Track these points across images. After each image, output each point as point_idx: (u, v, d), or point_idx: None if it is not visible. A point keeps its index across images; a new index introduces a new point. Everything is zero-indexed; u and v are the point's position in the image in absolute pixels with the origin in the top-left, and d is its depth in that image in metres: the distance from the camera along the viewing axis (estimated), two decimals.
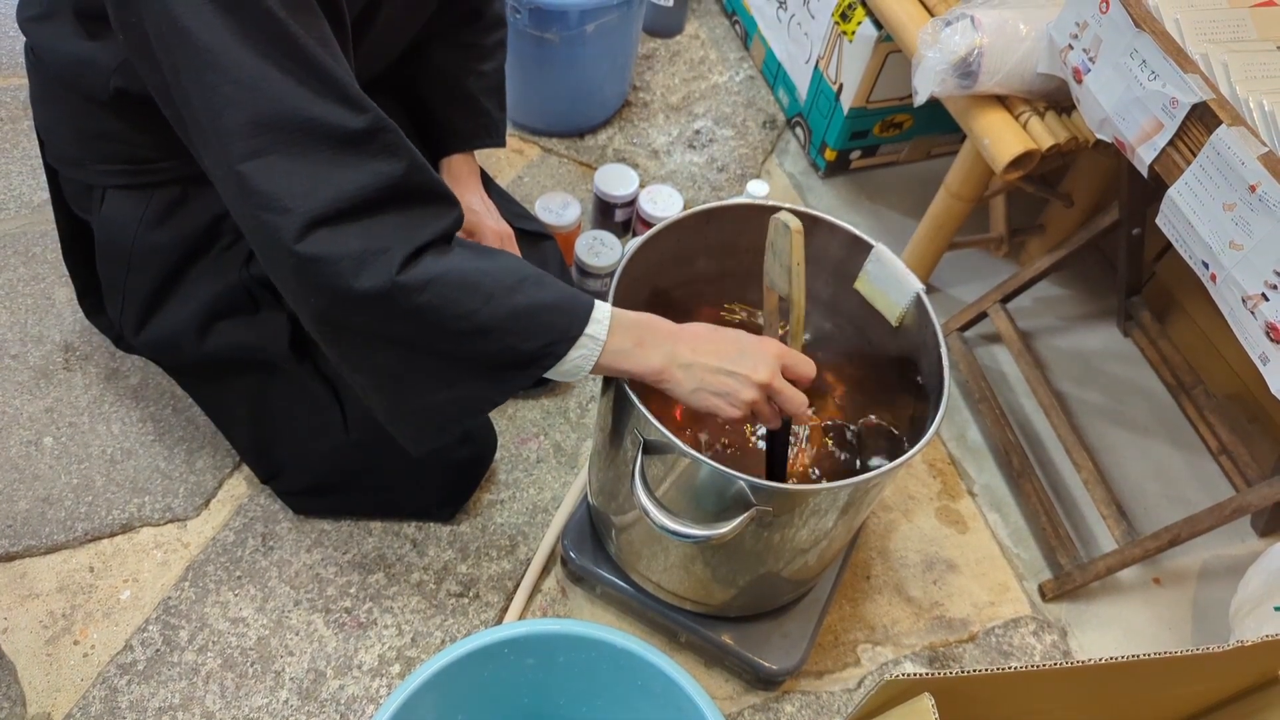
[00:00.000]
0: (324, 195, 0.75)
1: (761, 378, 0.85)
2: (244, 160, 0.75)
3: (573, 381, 0.86)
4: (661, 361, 0.85)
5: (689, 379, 0.85)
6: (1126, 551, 1.17)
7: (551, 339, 0.82)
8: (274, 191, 0.75)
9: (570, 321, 0.83)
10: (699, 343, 0.86)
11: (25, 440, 1.21)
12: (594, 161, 1.63)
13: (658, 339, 0.86)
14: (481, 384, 0.85)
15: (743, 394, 0.85)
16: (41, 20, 0.95)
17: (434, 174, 0.82)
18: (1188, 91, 0.92)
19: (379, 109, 0.78)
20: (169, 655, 1.08)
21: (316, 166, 0.75)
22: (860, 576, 1.24)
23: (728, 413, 0.86)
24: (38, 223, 1.42)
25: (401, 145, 0.79)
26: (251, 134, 0.74)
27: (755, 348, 0.86)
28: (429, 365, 0.84)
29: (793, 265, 0.85)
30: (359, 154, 0.77)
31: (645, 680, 0.87)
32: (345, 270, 0.76)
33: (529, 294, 0.82)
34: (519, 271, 0.83)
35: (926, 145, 1.71)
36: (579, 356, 0.83)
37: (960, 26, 1.14)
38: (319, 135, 0.75)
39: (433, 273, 0.78)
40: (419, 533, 1.20)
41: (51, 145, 1.05)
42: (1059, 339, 1.54)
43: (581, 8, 1.44)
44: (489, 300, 0.80)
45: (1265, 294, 0.89)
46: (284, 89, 0.74)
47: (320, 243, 0.75)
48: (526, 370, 0.84)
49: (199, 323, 1.07)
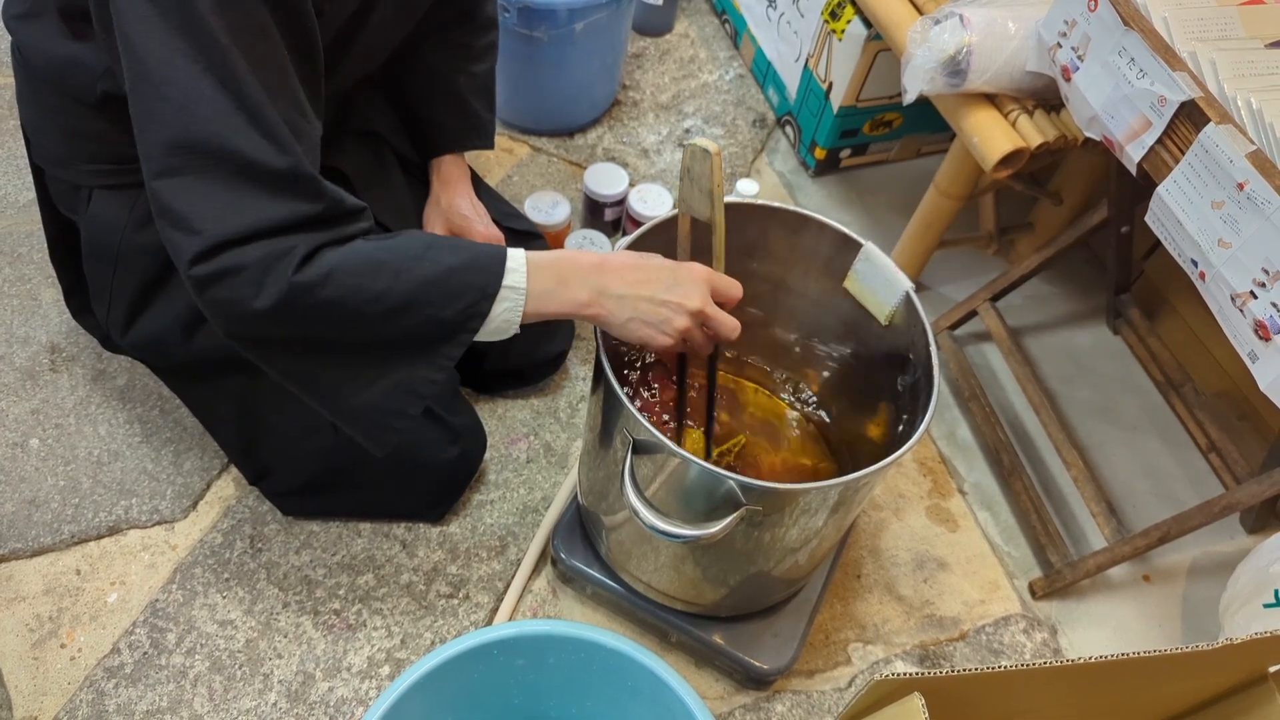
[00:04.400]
0: (233, 222, 0.75)
1: (694, 304, 0.85)
2: (159, 177, 0.75)
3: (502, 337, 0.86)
4: (589, 294, 0.85)
5: (621, 309, 0.85)
6: (1116, 549, 1.17)
7: (471, 299, 0.81)
8: (184, 212, 0.75)
9: (486, 278, 0.82)
10: (627, 272, 0.86)
11: (11, 442, 1.20)
12: (584, 160, 1.63)
13: (580, 273, 0.85)
14: (414, 365, 0.84)
15: (676, 321, 0.85)
16: (27, 19, 0.94)
17: (351, 199, 0.81)
18: (1176, 89, 0.92)
19: (300, 156, 0.77)
20: (156, 658, 1.07)
21: (230, 195, 0.75)
22: (851, 575, 1.24)
23: (660, 342, 0.86)
24: (23, 222, 1.41)
25: (320, 192, 0.79)
26: (171, 152, 0.74)
27: (685, 274, 0.86)
28: (356, 359, 0.83)
29: (713, 188, 0.86)
30: (277, 191, 0.76)
31: (635, 681, 0.87)
32: (244, 287, 0.75)
33: (436, 259, 0.81)
34: (422, 240, 0.83)
35: (916, 144, 1.71)
36: (504, 310, 0.83)
37: (949, 25, 1.15)
38: (238, 166, 0.75)
39: (330, 264, 0.77)
40: (408, 534, 1.19)
41: (38, 145, 1.04)
42: (1048, 337, 1.55)
43: (570, 6, 1.44)
44: (397, 277, 0.79)
45: (1254, 292, 0.89)
46: (212, 114, 0.74)
47: (222, 261, 0.75)
48: (457, 337, 0.83)
49: (186, 322, 1.07)
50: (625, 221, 1.49)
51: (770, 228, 1.01)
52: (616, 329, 0.87)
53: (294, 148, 0.77)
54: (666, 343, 0.86)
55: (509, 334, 0.86)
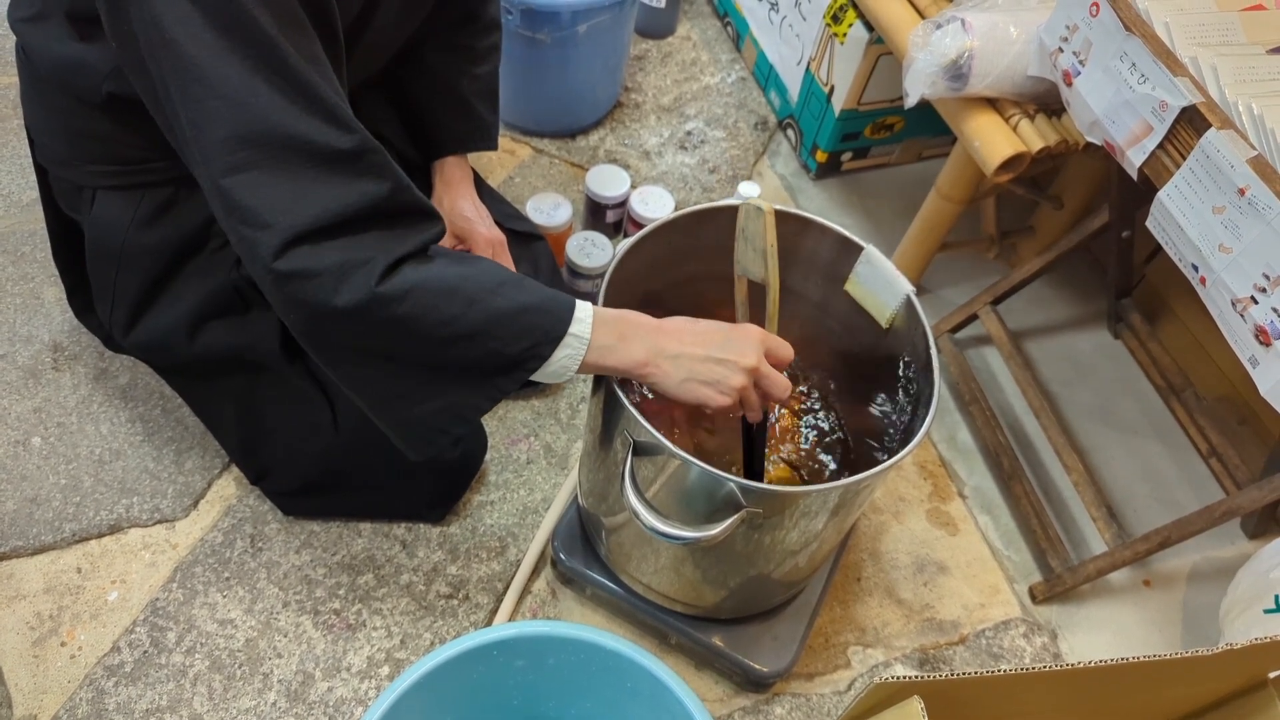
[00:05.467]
0: (306, 212, 0.75)
1: (749, 363, 0.85)
2: (226, 174, 0.74)
3: (560, 382, 0.86)
4: (645, 354, 0.85)
5: (677, 370, 0.85)
6: (1117, 554, 1.17)
7: (535, 340, 0.82)
8: (255, 206, 0.74)
9: (553, 322, 0.82)
10: (682, 334, 0.86)
11: (13, 440, 1.20)
12: (585, 162, 1.63)
13: (639, 332, 0.85)
14: (469, 390, 0.85)
15: (732, 380, 0.85)
16: (33, 21, 0.95)
17: (418, 193, 0.82)
18: (1177, 95, 0.92)
19: (366, 131, 0.78)
20: (157, 657, 1.07)
21: (299, 183, 0.75)
22: (851, 578, 1.24)
23: (717, 401, 0.85)
24: (27, 222, 1.41)
25: (387, 166, 0.79)
26: (235, 149, 0.74)
27: (739, 334, 0.86)
28: (416, 375, 0.84)
29: (767, 248, 0.85)
30: (344, 173, 0.76)
31: (635, 682, 0.87)
32: (325, 286, 0.75)
33: (510, 296, 0.81)
34: (498, 275, 0.83)
35: (917, 147, 1.71)
36: (565, 356, 0.83)
37: (951, 29, 1.15)
38: (304, 153, 0.75)
39: (411, 281, 0.78)
40: (408, 534, 1.19)
41: (42, 145, 1.04)
42: (1049, 341, 1.55)
43: (573, 9, 1.44)
44: (470, 305, 0.79)
45: (1254, 297, 0.89)
46: (270, 105, 0.74)
47: (299, 259, 0.75)
48: (513, 374, 0.83)
49: (189, 323, 1.07)
50: (626, 223, 1.49)
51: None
52: (671, 390, 0.86)
53: (356, 124, 0.77)
54: (724, 402, 0.85)
55: (563, 379, 0.86)
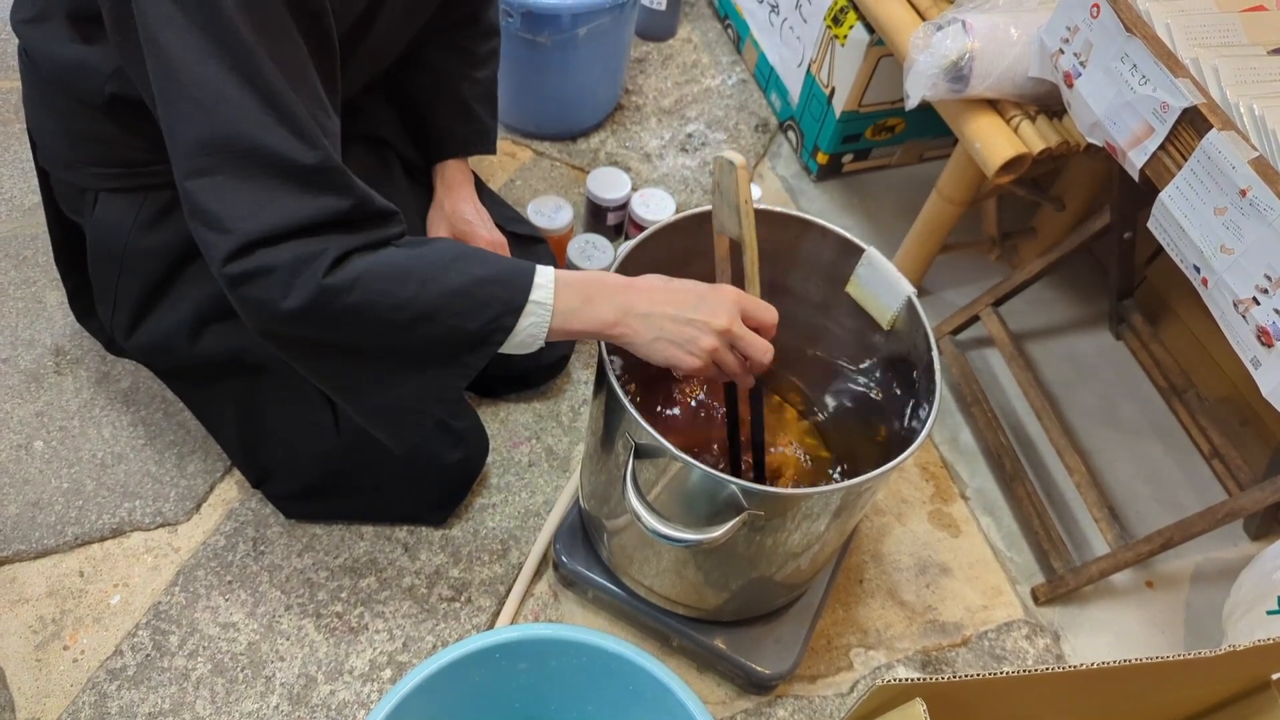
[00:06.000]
0: (265, 219, 0.75)
1: (720, 324, 0.83)
2: (190, 177, 0.75)
3: (526, 351, 0.85)
4: (614, 314, 0.83)
5: (647, 328, 0.84)
6: (1119, 555, 1.17)
7: (497, 312, 0.81)
8: (216, 211, 0.75)
9: (513, 292, 0.81)
10: (654, 292, 0.85)
11: (15, 444, 1.21)
12: (586, 165, 1.63)
13: (606, 292, 0.84)
14: (439, 371, 0.84)
15: (702, 341, 0.83)
16: (35, 23, 0.95)
17: (381, 201, 0.82)
18: (1178, 96, 0.92)
19: (330, 149, 0.78)
20: (159, 660, 1.07)
21: (261, 192, 0.75)
22: (853, 580, 1.24)
23: (687, 363, 0.84)
24: (28, 225, 1.41)
25: (350, 184, 0.79)
26: (201, 152, 0.74)
27: (713, 294, 0.85)
28: (381, 363, 0.83)
29: (740, 203, 0.83)
30: (307, 187, 0.77)
31: (637, 685, 0.87)
32: (275, 286, 0.76)
33: (465, 271, 0.81)
34: (452, 250, 0.82)
35: (919, 149, 1.71)
36: (530, 325, 0.82)
37: (952, 31, 1.15)
38: (268, 163, 0.75)
39: (359, 269, 0.77)
40: (410, 537, 1.19)
41: (44, 147, 1.04)
42: (1051, 342, 1.55)
43: (574, 11, 1.44)
44: (424, 285, 0.79)
45: (1256, 298, 0.89)
46: (239, 113, 0.74)
47: (253, 261, 0.75)
48: (480, 349, 0.83)
49: (191, 326, 1.07)
50: (628, 226, 1.49)
51: (772, 233, 1.02)
52: (642, 349, 0.85)
53: (321, 142, 0.77)
54: (694, 363, 0.84)
55: (534, 349, 0.85)
